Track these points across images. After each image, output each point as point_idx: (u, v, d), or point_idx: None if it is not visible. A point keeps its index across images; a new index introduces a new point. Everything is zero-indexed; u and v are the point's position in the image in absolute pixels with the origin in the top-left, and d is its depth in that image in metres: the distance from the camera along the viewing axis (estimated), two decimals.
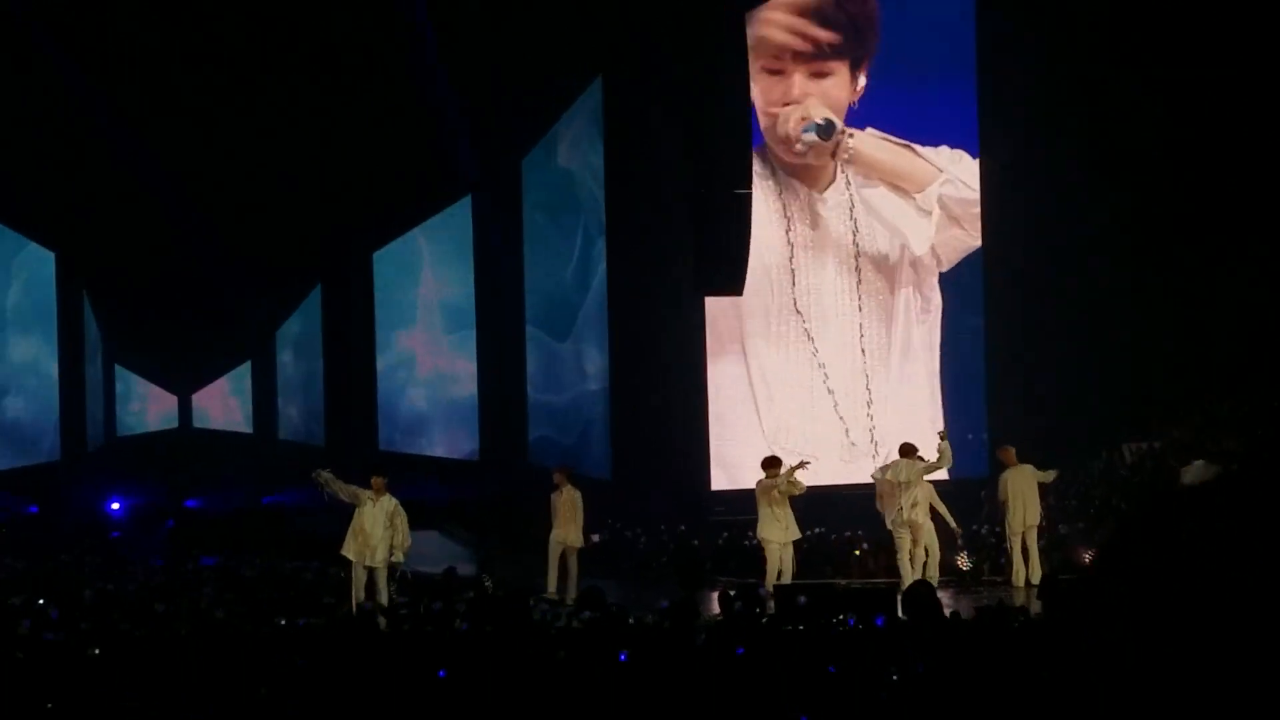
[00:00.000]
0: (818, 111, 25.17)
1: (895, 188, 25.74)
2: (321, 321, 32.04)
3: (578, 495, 20.50)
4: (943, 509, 20.31)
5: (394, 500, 19.10)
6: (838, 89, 25.36)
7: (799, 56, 25.31)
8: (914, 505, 19.93)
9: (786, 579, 19.72)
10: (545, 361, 29.09)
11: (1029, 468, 20.78)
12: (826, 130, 25.10)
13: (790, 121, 25.15)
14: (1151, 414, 24.66)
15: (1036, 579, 19.97)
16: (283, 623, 14.72)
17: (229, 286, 31.18)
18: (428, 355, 31.30)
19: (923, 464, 20.16)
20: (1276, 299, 24.80)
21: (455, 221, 30.56)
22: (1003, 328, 25.82)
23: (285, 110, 27.97)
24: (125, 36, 27.04)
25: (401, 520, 19.01)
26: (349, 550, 18.98)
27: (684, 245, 24.69)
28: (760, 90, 25.06)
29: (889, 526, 20.25)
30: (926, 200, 25.72)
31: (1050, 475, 20.91)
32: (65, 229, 29.94)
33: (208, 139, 28.46)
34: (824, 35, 25.42)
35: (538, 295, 29.18)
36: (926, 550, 20.05)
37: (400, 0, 27.24)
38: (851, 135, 25.36)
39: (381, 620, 18.00)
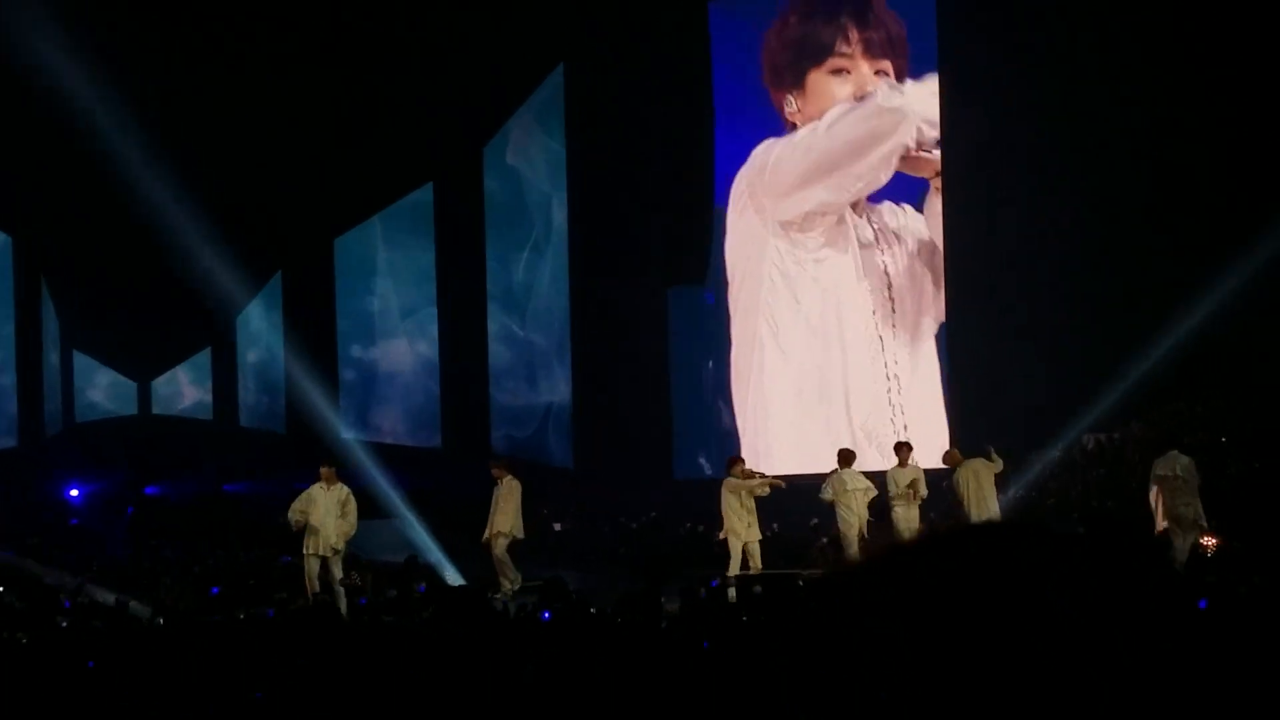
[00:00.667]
0: None
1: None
2: (282, 308, 31.92)
3: (518, 486, 20.33)
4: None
5: (345, 488, 18.99)
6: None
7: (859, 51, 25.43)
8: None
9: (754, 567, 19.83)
10: (507, 349, 29.05)
11: (979, 461, 20.72)
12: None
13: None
14: (1112, 408, 24.74)
15: None
16: (244, 615, 14.68)
17: (189, 272, 31.01)
18: (389, 342, 31.20)
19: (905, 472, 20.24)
20: (1237, 297, 24.90)
21: (417, 208, 30.47)
22: (962, 323, 25.84)
23: (245, 95, 27.83)
24: (83, 20, 26.86)
25: (352, 508, 18.90)
26: (306, 544, 18.91)
27: (648, 234, 24.69)
28: (833, 91, 25.14)
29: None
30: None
31: (998, 465, 20.81)
32: (22, 214, 29.76)
33: (167, 125, 28.28)
34: (863, 32, 25.52)
35: (500, 282, 29.13)
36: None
37: None
38: None
39: (342, 604, 18.03)
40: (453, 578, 20.20)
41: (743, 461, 20.49)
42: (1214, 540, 20.08)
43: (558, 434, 27.59)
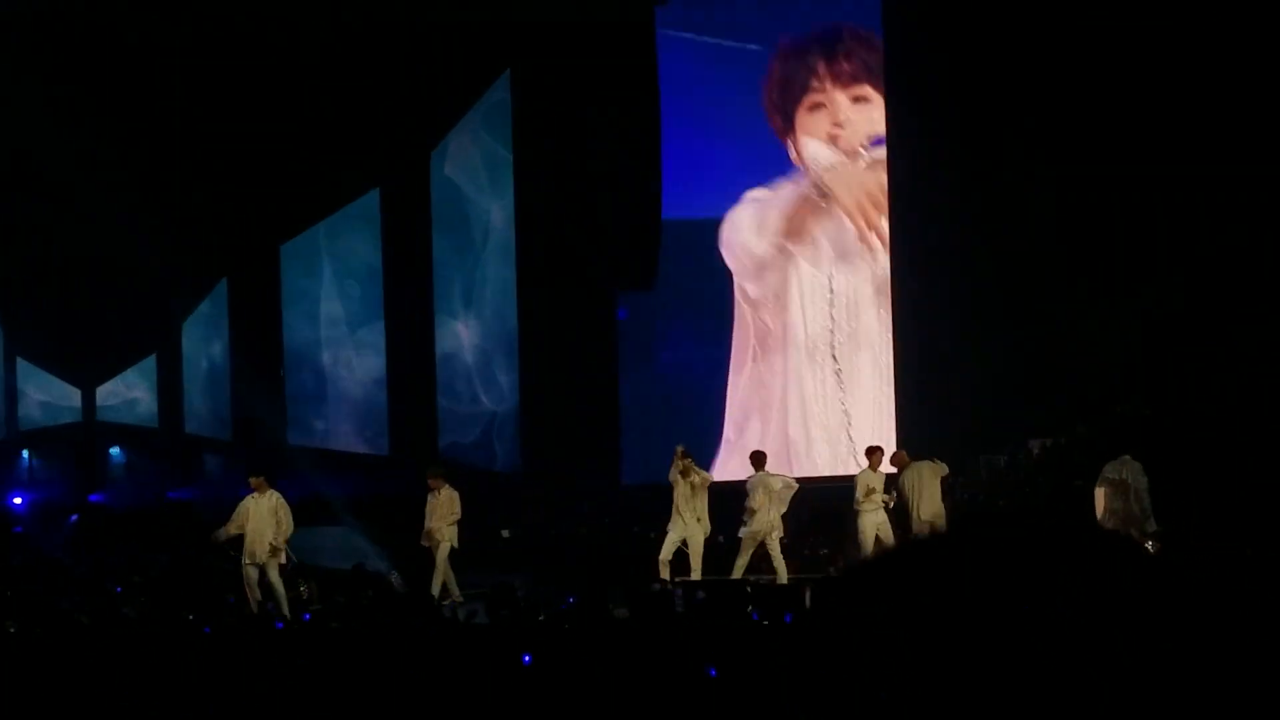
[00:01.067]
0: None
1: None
2: (228, 314, 31.78)
3: (455, 495, 20.30)
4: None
5: (276, 494, 19.05)
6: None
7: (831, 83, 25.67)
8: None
9: (696, 573, 19.86)
10: (455, 355, 29.01)
11: (926, 464, 20.82)
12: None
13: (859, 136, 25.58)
14: (1057, 413, 24.87)
15: None
16: (188, 621, 14.60)
17: (133, 278, 30.83)
18: (336, 348, 31.09)
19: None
20: (1180, 305, 25.08)
21: (364, 213, 30.39)
22: (909, 328, 25.93)
23: (190, 98, 27.69)
24: (23, 24, 26.72)
25: (285, 513, 18.96)
26: (243, 554, 18.95)
27: (595, 239, 24.71)
28: (812, 126, 25.39)
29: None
30: None
31: (943, 468, 20.90)
32: None
33: (110, 130, 28.15)
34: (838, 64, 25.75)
35: (446, 287, 29.09)
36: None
37: None
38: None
39: (284, 607, 18.01)
40: (400, 584, 20.16)
41: (689, 456, 20.55)
42: (1155, 545, 20.25)
43: (505, 439, 27.58)
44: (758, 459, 20.66)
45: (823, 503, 23.18)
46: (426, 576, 19.81)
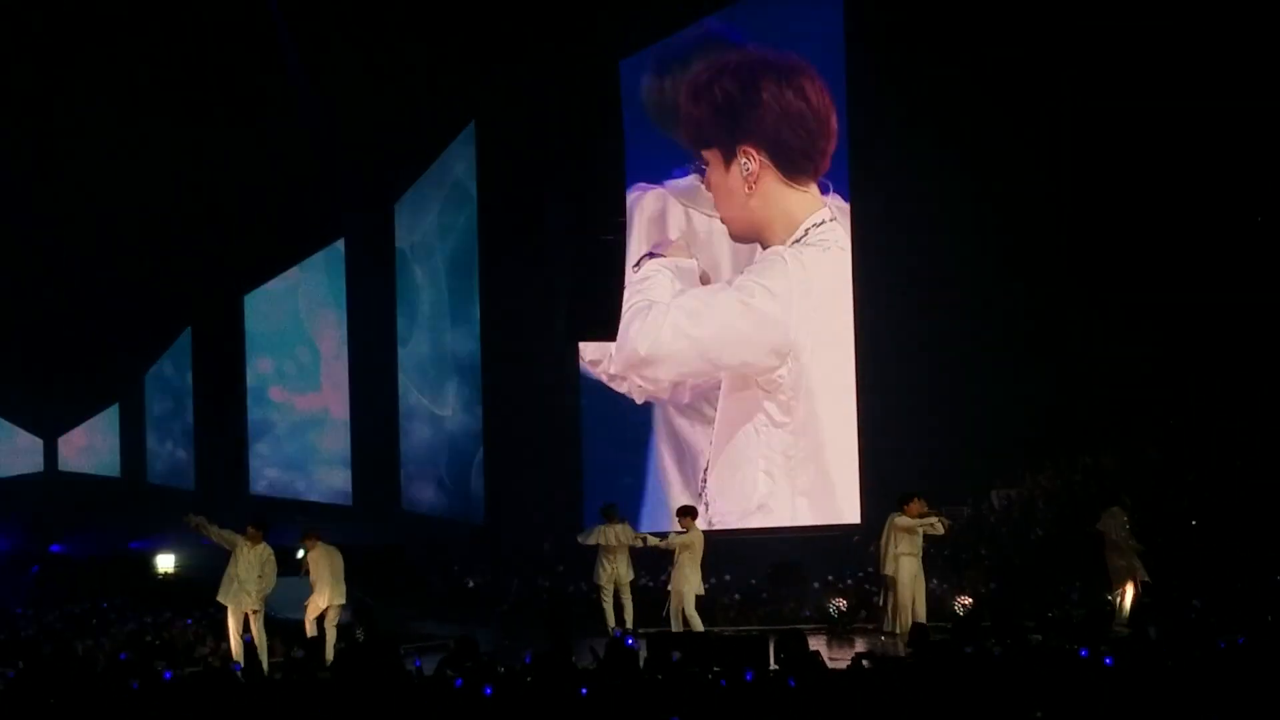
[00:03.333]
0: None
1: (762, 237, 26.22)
2: (191, 364, 31.71)
3: (334, 551, 20.19)
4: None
5: (269, 549, 19.25)
6: None
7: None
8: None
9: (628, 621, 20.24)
10: (418, 405, 29.02)
11: (896, 515, 20.84)
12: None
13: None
14: (1019, 464, 24.99)
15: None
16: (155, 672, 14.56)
17: (95, 327, 30.76)
18: (299, 398, 31.07)
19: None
20: (1143, 352, 25.24)
21: (328, 264, 30.41)
22: (873, 378, 26.02)
23: (151, 147, 27.65)
24: None
25: (271, 569, 19.19)
26: (224, 596, 19.08)
27: (559, 290, 24.77)
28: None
29: None
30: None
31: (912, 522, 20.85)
32: None
33: (71, 176, 28.12)
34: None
35: (411, 338, 29.12)
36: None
37: (272, 40, 27.08)
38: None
39: (265, 659, 18.04)
40: (362, 635, 20.11)
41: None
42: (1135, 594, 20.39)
43: (469, 490, 27.57)
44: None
45: (786, 553, 23.31)
46: (391, 625, 19.82)
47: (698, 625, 20.26)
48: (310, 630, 19.83)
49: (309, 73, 27.19)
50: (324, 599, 19.91)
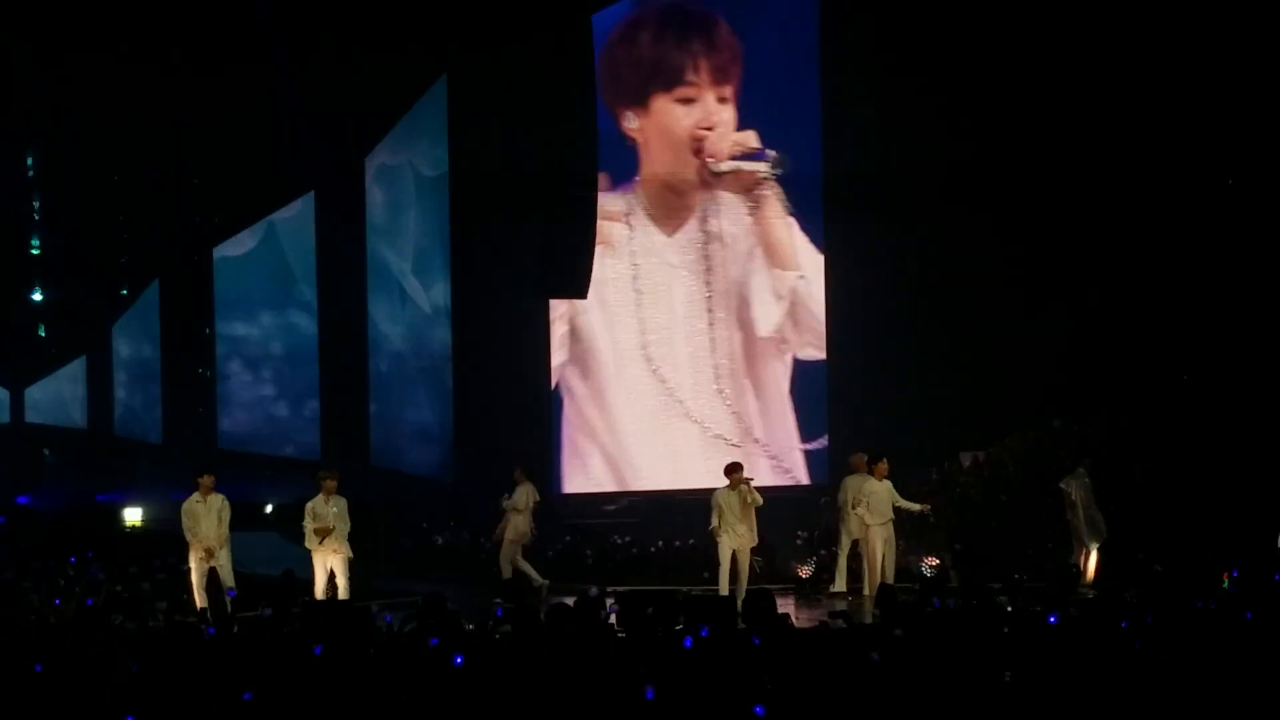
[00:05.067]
0: (755, 142, 25.93)
1: (765, 253, 26.32)
2: (159, 316, 31.59)
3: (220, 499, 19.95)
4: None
5: (221, 497, 19.10)
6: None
7: (705, 80, 25.95)
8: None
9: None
10: (388, 360, 28.95)
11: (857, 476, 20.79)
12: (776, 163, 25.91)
13: (726, 142, 25.80)
14: (988, 426, 25.05)
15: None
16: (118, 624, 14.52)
17: (64, 278, 30.65)
18: (269, 352, 30.98)
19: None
20: (1109, 319, 25.37)
21: (299, 218, 30.29)
22: (841, 340, 26.08)
23: (122, 102, 27.51)
24: None
25: (226, 515, 19.11)
26: (192, 556, 19.02)
27: (530, 246, 24.69)
28: (678, 117, 25.61)
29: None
30: (782, 283, 26.28)
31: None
32: None
33: (40, 125, 28.00)
34: (710, 59, 26.03)
35: (380, 294, 29.03)
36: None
37: None
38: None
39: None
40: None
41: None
42: (1090, 557, 20.52)
43: (437, 446, 27.53)
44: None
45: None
46: (361, 583, 19.77)
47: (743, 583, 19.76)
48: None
49: (279, 25, 27.04)
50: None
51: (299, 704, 10.74)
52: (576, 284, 24.38)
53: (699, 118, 26.20)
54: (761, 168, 26.28)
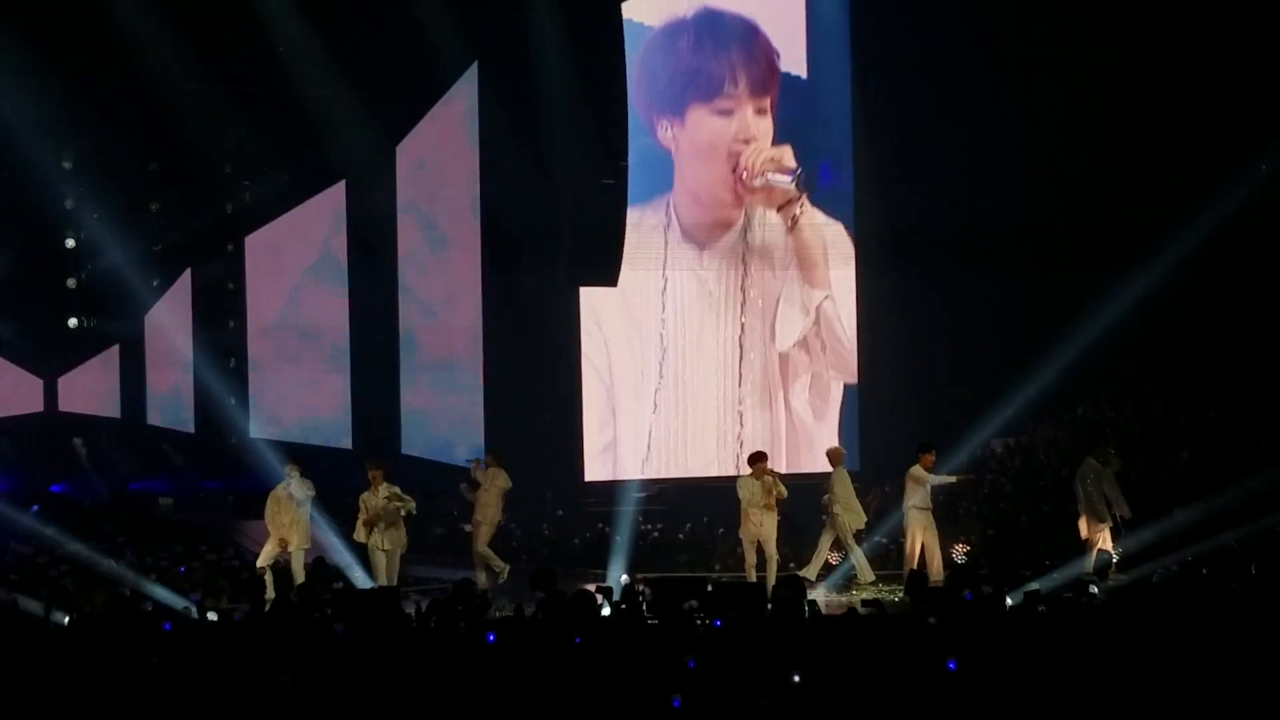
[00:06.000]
0: (790, 159, 25.93)
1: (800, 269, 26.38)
2: (192, 305, 31.63)
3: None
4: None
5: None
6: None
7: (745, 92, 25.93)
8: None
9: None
10: (419, 349, 29.00)
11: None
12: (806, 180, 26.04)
13: (761, 158, 25.77)
14: (1021, 415, 24.99)
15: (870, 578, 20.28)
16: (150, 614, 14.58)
17: (96, 269, 30.72)
18: (299, 340, 31.00)
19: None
20: (1145, 305, 25.30)
21: (330, 206, 30.30)
22: (872, 330, 26.07)
23: (151, 88, 27.57)
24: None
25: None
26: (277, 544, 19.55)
27: (560, 234, 24.73)
28: (716, 129, 25.57)
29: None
30: (810, 300, 26.33)
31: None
32: None
33: (72, 118, 28.06)
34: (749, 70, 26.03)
35: (412, 282, 29.06)
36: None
37: None
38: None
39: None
40: (361, 579, 20.21)
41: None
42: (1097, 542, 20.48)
43: (467, 434, 27.56)
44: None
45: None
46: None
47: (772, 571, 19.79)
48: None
49: (312, 12, 27.09)
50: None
51: (330, 688, 10.77)
52: (607, 272, 24.39)
53: (736, 129, 26.13)
54: (788, 184, 26.19)
